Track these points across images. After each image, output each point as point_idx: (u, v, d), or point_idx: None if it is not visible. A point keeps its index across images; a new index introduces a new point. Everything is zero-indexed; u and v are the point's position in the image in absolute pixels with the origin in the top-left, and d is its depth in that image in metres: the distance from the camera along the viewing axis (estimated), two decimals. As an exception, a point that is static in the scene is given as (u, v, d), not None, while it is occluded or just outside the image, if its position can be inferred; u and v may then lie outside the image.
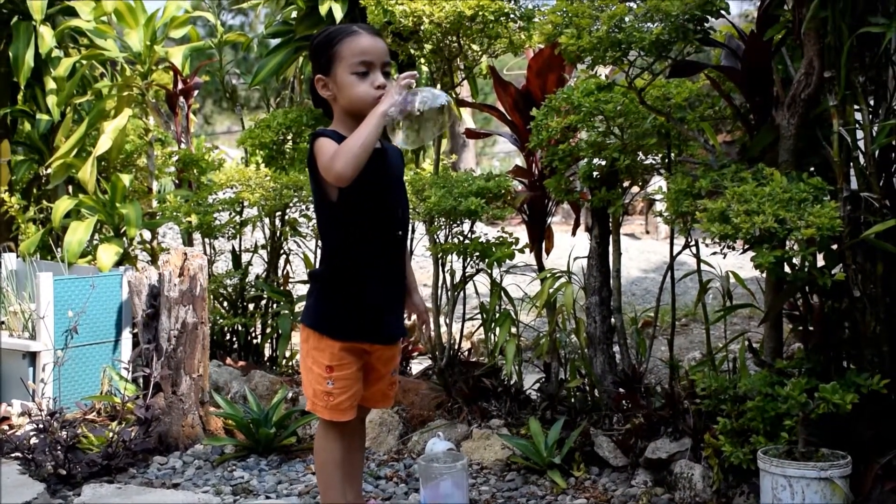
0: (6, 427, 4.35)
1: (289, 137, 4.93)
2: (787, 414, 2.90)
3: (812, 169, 3.17)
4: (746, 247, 2.86)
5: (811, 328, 3.14)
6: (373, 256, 2.73)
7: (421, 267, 8.09)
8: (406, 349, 5.07)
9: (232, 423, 4.12)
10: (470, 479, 3.57)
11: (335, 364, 2.74)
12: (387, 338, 2.84)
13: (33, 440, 3.80)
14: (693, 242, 3.66)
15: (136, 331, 4.54)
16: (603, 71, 4.06)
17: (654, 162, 3.86)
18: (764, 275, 3.19)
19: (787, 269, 3.00)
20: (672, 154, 3.71)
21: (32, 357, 4.53)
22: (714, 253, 3.09)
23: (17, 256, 5.39)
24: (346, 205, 2.68)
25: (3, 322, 4.93)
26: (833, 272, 2.97)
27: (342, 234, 2.73)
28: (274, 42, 5.63)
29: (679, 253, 3.76)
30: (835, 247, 3.03)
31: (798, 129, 3.07)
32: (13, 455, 3.91)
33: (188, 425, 4.09)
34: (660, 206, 3.48)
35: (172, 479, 3.72)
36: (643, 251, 9.78)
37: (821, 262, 3.07)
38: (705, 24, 3.14)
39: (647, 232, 11.69)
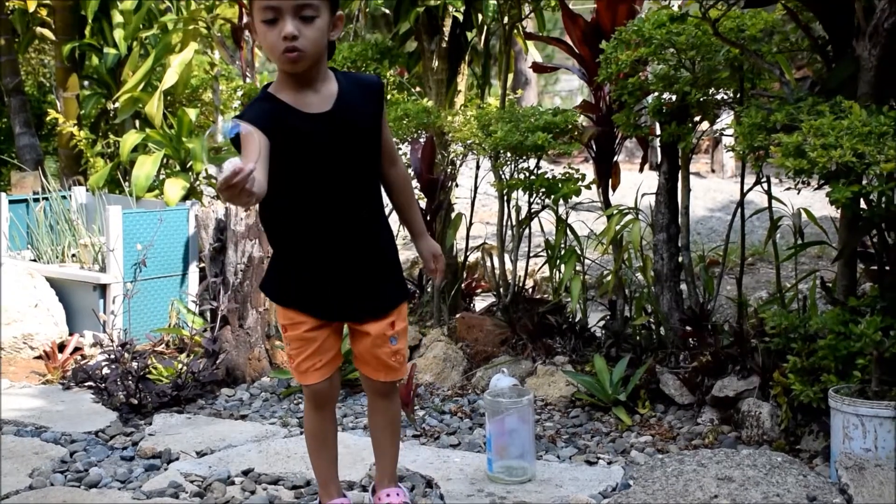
0: (79, 357, 4.45)
1: (353, 71, 4.89)
2: (860, 353, 2.85)
3: (893, 102, 3.07)
4: (822, 182, 2.79)
5: (887, 266, 3.06)
6: (307, 231, 2.36)
7: (483, 205, 8.04)
8: (469, 285, 5.06)
9: (298, 356, 4.15)
10: (535, 415, 3.57)
11: (287, 323, 2.45)
12: (340, 318, 2.49)
13: (105, 370, 3.88)
14: (764, 179, 3.58)
15: (203, 265, 4.59)
16: (676, 2, 3.97)
17: (725, 96, 3.77)
18: (838, 212, 3.11)
19: (863, 204, 2.92)
20: (745, 87, 3.62)
21: (103, 289, 4.61)
22: (788, 188, 3.01)
23: (87, 190, 5.47)
24: (276, 172, 2.21)
25: (74, 255, 5.02)
26: (912, 208, 2.88)
27: (273, 199, 2.23)
28: (338, -26, 5.58)
29: (749, 190, 3.68)
30: (915, 182, 2.94)
31: (880, 60, 2.96)
32: (86, 384, 4.00)
33: (255, 358, 4.14)
34: (729, 143, 3.40)
35: (240, 411, 3.77)
36: (709, 190, 9.61)
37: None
38: (784, -48, 3.04)
39: (713, 171, 11.50)
